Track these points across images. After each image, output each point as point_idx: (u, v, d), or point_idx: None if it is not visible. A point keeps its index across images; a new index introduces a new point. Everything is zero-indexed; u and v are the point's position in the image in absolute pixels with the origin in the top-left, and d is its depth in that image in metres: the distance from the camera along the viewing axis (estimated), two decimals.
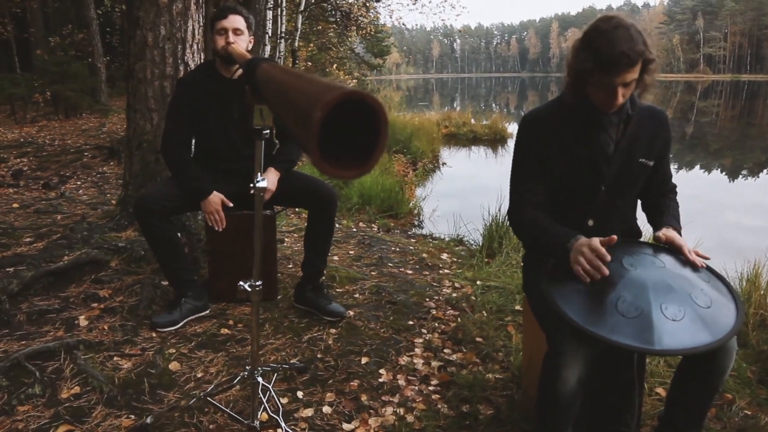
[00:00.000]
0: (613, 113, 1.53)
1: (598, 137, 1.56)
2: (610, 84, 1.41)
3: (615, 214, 1.64)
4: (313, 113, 0.61)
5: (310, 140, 0.63)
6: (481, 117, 14.78)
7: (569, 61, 1.50)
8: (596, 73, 1.41)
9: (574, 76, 1.49)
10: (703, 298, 1.34)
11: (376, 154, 0.66)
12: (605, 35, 1.39)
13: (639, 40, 1.39)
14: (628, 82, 1.42)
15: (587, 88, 1.49)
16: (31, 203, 4.41)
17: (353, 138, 0.71)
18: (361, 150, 0.70)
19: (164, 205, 2.27)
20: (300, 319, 2.49)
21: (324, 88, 0.65)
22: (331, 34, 15.46)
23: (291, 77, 0.88)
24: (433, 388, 2.07)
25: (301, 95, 0.74)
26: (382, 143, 0.66)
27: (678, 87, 48.45)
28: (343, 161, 0.68)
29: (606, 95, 1.45)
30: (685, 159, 10.80)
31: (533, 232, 1.59)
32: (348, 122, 0.69)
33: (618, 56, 1.36)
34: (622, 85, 1.42)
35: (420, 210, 5.68)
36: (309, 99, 0.67)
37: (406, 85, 62.20)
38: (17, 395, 1.84)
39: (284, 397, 1.93)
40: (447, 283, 3.11)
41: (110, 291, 2.54)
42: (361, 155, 0.69)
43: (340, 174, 0.67)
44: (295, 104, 0.74)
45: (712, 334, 1.26)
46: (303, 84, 0.77)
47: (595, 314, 1.31)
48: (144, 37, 2.94)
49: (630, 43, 1.37)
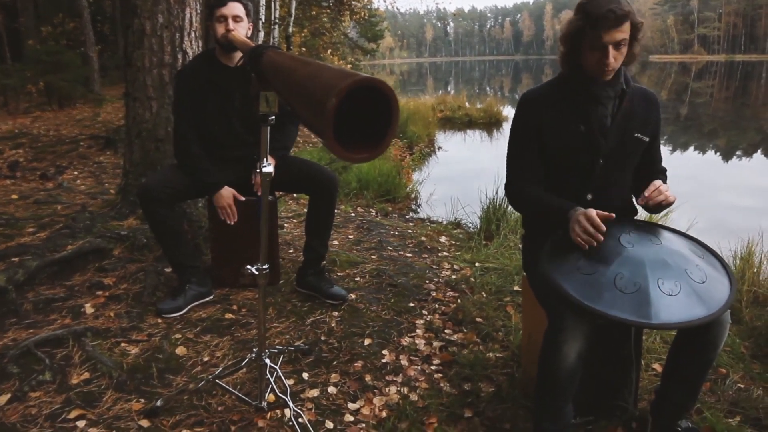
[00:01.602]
0: (609, 86, 1.59)
1: (596, 110, 1.61)
2: (601, 43, 1.49)
3: (613, 189, 1.69)
4: (327, 100, 0.64)
5: (325, 126, 0.65)
6: (475, 100, 14.76)
7: (563, 31, 1.58)
8: (586, 30, 1.50)
9: (567, 43, 1.57)
10: (698, 273, 1.38)
11: (388, 138, 0.69)
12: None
13: (626, 3, 1.49)
14: (618, 41, 1.49)
15: (582, 57, 1.56)
16: (29, 194, 4.41)
17: (364, 122, 0.73)
18: (371, 134, 0.72)
19: (167, 192, 2.29)
20: (303, 303, 2.53)
21: (338, 76, 0.68)
22: (325, 19, 15.36)
23: (300, 64, 0.90)
24: (435, 367, 2.12)
25: (314, 82, 0.76)
26: (394, 127, 0.69)
27: (672, 68, 48.41)
28: (355, 145, 0.71)
29: (599, 57, 1.51)
30: (679, 140, 10.84)
31: (533, 207, 1.69)
32: (358, 107, 0.72)
33: (605, 13, 1.46)
34: (613, 46, 1.50)
35: (417, 194, 5.71)
36: (323, 86, 0.69)
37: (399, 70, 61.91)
38: (28, 382, 1.88)
39: (290, 379, 1.98)
40: (446, 266, 3.15)
41: (114, 279, 2.58)
42: (371, 139, 0.72)
43: (353, 157, 0.70)
44: (308, 91, 0.76)
45: (707, 308, 1.31)
46: (314, 71, 0.80)
47: (594, 290, 1.35)
48: (142, 25, 2.94)
49: (617, 3, 1.48)
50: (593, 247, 1.44)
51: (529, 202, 1.69)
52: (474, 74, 54.24)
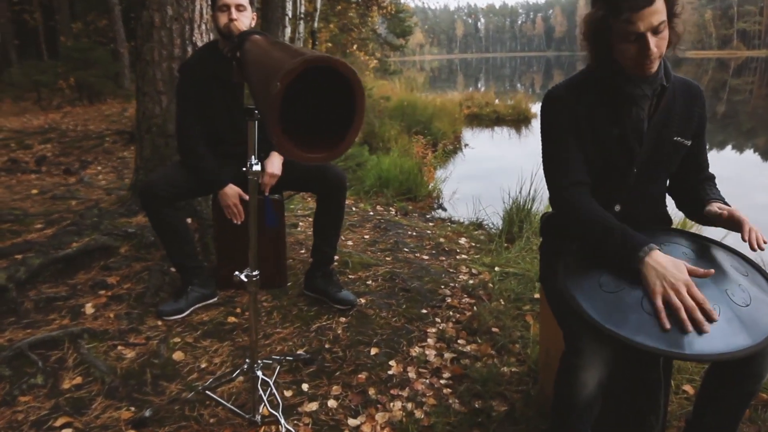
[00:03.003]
0: (646, 83, 1.35)
1: (630, 112, 1.40)
2: (636, 32, 1.24)
3: (645, 199, 1.49)
4: (272, 85, 0.52)
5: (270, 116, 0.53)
6: (504, 97, 14.44)
7: (584, 27, 1.34)
8: (612, 21, 1.25)
9: (592, 41, 1.34)
10: (740, 294, 1.21)
11: (351, 133, 0.56)
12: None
13: None
14: (656, 25, 1.24)
15: (614, 52, 1.32)
16: (49, 189, 4.41)
17: (329, 116, 0.61)
18: (337, 129, 0.60)
19: (170, 191, 2.20)
20: (309, 307, 2.42)
21: (288, 56, 0.55)
22: (353, 15, 15.23)
23: (269, 48, 0.78)
24: (444, 381, 1.97)
25: (266, 67, 0.64)
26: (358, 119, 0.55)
27: (710, 64, 46.79)
28: (313, 142, 0.59)
29: (637, 48, 1.26)
30: (716, 139, 10.39)
31: (592, 226, 1.33)
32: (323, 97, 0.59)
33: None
34: (652, 32, 1.24)
35: (440, 193, 5.55)
36: (271, 70, 0.57)
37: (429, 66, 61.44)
38: (19, 385, 1.81)
39: (289, 390, 1.86)
40: (464, 270, 3.00)
41: (118, 278, 2.50)
42: (336, 135, 0.59)
43: (307, 156, 0.57)
44: (261, 77, 0.64)
45: (750, 336, 1.13)
46: (274, 53, 0.67)
47: (618, 311, 1.19)
48: (151, 17, 2.86)
49: None
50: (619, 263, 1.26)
51: (587, 218, 1.34)
52: (504, 71, 53.49)
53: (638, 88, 1.37)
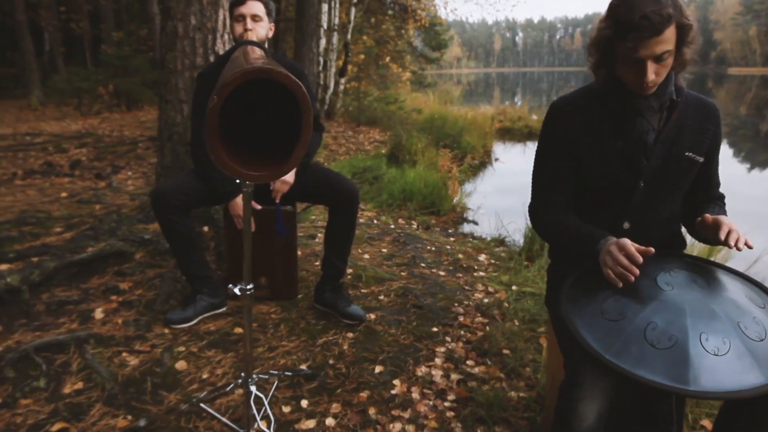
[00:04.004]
0: (653, 97, 1.31)
1: (635, 125, 1.35)
2: (636, 57, 1.21)
3: (655, 217, 1.42)
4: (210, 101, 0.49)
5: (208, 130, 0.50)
6: (539, 111, 14.23)
7: (591, 38, 1.32)
8: (617, 42, 1.23)
9: (596, 53, 1.31)
10: (754, 327, 1.12)
11: (297, 151, 0.53)
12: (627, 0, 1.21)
13: (668, 2, 1.19)
14: (659, 54, 1.21)
15: (616, 67, 1.30)
16: (79, 193, 4.52)
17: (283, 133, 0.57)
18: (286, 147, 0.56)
19: (181, 199, 2.21)
20: (317, 321, 2.38)
21: (233, 68, 0.52)
22: (389, 27, 15.31)
23: (239, 57, 0.75)
24: (449, 404, 1.91)
25: (222, 77, 0.61)
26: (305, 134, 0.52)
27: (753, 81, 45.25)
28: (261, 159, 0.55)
29: (635, 73, 1.25)
30: (757, 158, 9.99)
31: (560, 235, 1.42)
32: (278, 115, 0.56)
33: (638, 20, 1.17)
34: (653, 59, 1.21)
35: (464, 207, 5.47)
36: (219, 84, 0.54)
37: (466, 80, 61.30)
38: (21, 388, 1.82)
39: (287, 405, 1.83)
40: (480, 287, 2.92)
41: (131, 284, 2.52)
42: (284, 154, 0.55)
43: (250, 174, 0.54)
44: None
45: (764, 374, 1.04)
46: (234, 63, 0.64)
47: (619, 341, 1.11)
48: (175, 27, 2.90)
49: (655, 6, 1.17)
50: (624, 288, 1.20)
51: (555, 230, 1.43)
52: (542, 85, 52.89)
53: (644, 100, 1.32)
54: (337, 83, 10.76)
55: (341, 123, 10.24)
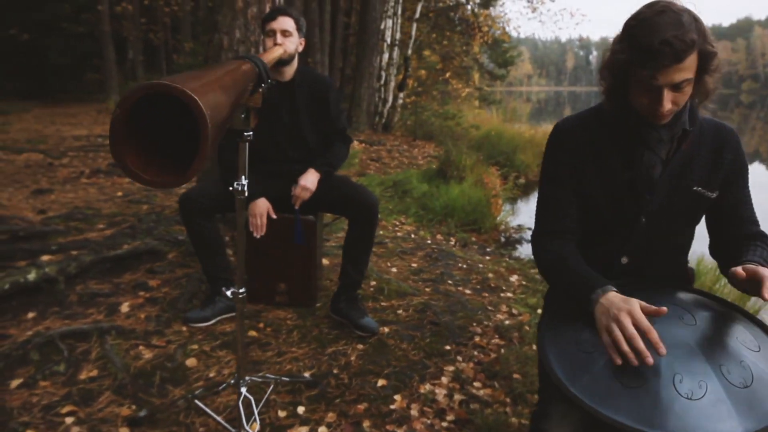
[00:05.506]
0: (664, 127, 1.23)
1: (642, 156, 1.27)
2: (653, 85, 1.12)
3: (658, 253, 1.34)
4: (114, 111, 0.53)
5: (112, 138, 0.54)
6: None
7: (604, 60, 1.23)
8: (633, 68, 1.13)
9: (610, 77, 1.22)
10: (739, 372, 1.03)
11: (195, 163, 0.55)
12: (646, 21, 1.11)
13: (691, 27, 1.09)
14: (678, 82, 1.11)
15: (629, 92, 1.21)
16: (133, 193, 4.77)
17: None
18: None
19: (205, 203, 2.30)
20: (330, 330, 2.41)
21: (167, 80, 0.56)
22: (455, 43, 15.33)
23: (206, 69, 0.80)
24: (446, 424, 1.88)
25: None
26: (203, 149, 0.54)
27: None
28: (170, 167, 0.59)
29: (650, 100, 1.15)
30: None
31: (557, 273, 1.29)
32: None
33: (658, 46, 1.07)
34: (670, 88, 1.12)
35: (507, 226, 5.38)
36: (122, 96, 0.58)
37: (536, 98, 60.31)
38: (43, 371, 1.95)
39: (284, 410, 1.86)
40: (504, 308, 2.86)
41: (159, 282, 2.64)
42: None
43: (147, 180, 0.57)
44: None
45: (742, 424, 0.95)
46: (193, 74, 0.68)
47: (588, 375, 1.06)
48: (221, 40, 3.04)
49: (677, 30, 1.07)
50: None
51: (553, 263, 1.30)
52: None
53: (654, 132, 1.23)
54: (396, 97, 10.87)
55: (398, 137, 10.31)
